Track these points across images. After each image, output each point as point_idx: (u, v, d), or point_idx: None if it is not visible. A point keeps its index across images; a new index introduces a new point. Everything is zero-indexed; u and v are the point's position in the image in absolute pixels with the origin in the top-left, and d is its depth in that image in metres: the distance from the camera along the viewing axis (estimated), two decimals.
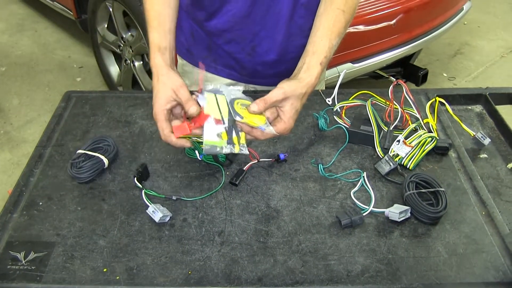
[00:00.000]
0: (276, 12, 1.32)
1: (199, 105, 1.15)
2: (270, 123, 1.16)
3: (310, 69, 1.19)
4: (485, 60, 4.16)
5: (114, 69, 3.50)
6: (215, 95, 1.17)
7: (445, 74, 3.96)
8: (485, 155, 1.32)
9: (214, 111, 1.15)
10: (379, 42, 2.70)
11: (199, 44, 1.48)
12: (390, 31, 2.68)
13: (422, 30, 2.88)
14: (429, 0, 2.77)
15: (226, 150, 1.13)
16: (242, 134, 1.17)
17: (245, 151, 1.15)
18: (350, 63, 2.61)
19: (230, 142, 1.14)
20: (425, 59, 4.04)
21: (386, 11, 2.65)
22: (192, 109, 1.13)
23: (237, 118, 1.13)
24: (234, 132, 1.16)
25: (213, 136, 1.13)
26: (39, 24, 4.59)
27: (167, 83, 1.15)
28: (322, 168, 1.22)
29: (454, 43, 4.34)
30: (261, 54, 1.42)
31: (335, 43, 1.23)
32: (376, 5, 2.63)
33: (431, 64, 4.01)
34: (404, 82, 1.37)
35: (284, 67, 1.46)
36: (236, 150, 1.14)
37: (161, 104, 1.14)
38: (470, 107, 1.51)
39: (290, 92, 1.15)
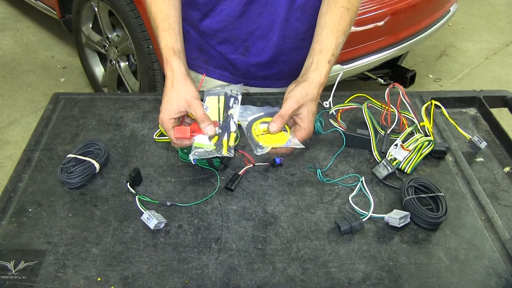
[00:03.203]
0: (272, 12, 1.30)
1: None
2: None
3: (319, 68, 1.18)
4: (470, 61, 4.19)
5: (98, 70, 3.45)
6: (218, 97, 1.15)
7: (431, 76, 3.97)
8: (482, 159, 1.31)
9: (213, 114, 1.13)
10: (368, 43, 2.69)
11: (190, 45, 1.45)
12: (379, 32, 2.68)
13: (411, 32, 2.88)
14: (417, 2, 2.78)
15: (214, 153, 1.12)
16: (232, 135, 1.15)
17: (232, 154, 1.13)
18: (339, 65, 2.60)
19: (219, 144, 1.12)
20: (411, 61, 4.06)
21: (374, 13, 2.64)
22: (209, 130, 1.11)
23: (259, 151, 1.10)
24: (226, 135, 1.14)
25: (204, 139, 1.12)
26: (21, 23, 4.49)
27: (182, 92, 1.13)
28: (320, 173, 1.20)
29: (439, 45, 4.37)
30: (255, 54, 1.40)
31: (341, 41, 1.22)
32: (365, 7, 2.62)
33: (417, 66, 4.02)
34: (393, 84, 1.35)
35: (277, 69, 1.45)
36: (224, 153, 1.12)
37: (170, 112, 1.12)
38: (464, 110, 1.50)
39: (302, 98, 1.13)
